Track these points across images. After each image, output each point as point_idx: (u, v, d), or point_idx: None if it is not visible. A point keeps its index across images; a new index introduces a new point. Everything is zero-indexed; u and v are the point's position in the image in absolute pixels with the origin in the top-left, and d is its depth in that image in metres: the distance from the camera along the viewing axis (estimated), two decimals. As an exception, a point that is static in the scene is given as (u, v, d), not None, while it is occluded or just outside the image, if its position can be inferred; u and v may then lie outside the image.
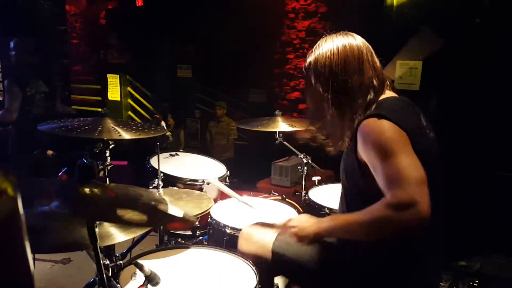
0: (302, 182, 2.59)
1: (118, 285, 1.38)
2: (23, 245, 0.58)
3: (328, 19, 5.05)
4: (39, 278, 3.00)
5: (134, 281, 1.42)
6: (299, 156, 2.63)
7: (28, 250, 0.58)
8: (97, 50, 7.18)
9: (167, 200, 1.45)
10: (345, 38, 1.48)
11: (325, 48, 1.48)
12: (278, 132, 2.63)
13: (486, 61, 3.46)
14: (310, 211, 2.14)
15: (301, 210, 2.31)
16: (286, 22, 5.37)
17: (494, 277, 2.81)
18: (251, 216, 2.12)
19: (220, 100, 5.59)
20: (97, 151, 1.99)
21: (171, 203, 1.59)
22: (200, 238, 2.26)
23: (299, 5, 5.26)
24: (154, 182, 2.26)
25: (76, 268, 3.17)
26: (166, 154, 2.93)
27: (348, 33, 1.51)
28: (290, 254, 1.57)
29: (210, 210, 2.13)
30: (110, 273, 1.39)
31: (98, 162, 1.95)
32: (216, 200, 2.36)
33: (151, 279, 1.30)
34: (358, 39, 1.49)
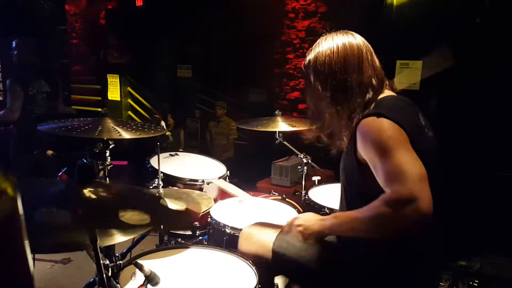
0: (302, 182, 2.59)
1: (118, 285, 1.38)
2: (23, 245, 0.58)
3: (328, 19, 5.04)
4: (39, 278, 3.00)
5: (134, 281, 1.41)
6: (299, 156, 2.63)
7: (27, 250, 0.58)
8: (97, 50, 7.18)
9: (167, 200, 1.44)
10: (345, 36, 1.48)
11: (325, 46, 1.47)
12: (278, 132, 2.63)
13: (486, 61, 3.47)
14: (310, 211, 2.11)
15: (301, 210, 2.31)
16: (286, 22, 5.37)
17: (494, 277, 2.81)
18: (251, 216, 2.12)
19: (220, 100, 5.59)
20: (97, 151, 1.99)
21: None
22: (200, 238, 2.26)
23: (299, 5, 5.26)
24: (154, 182, 2.26)
25: (76, 268, 3.17)
26: (166, 154, 2.93)
27: (348, 32, 1.51)
28: (290, 254, 1.57)
29: (210, 210, 2.13)
30: (110, 273, 1.39)
31: (98, 162, 1.95)
32: (216, 200, 2.36)
33: (151, 279, 1.29)
34: (358, 38, 1.49)
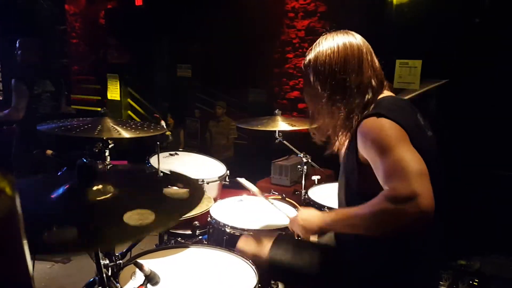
0: (302, 181, 2.59)
1: (118, 284, 1.38)
2: (22, 245, 0.57)
3: (328, 19, 5.04)
4: (39, 278, 3.00)
5: (134, 280, 1.41)
6: (298, 155, 2.63)
7: (26, 250, 0.58)
8: (96, 49, 7.18)
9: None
10: (345, 36, 1.47)
11: (325, 46, 1.46)
12: (278, 131, 2.63)
13: (486, 61, 3.47)
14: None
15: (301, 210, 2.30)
16: (286, 21, 5.36)
17: (494, 277, 2.81)
18: (251, 215, 2.12)
19: (220, 100, 5.59)
20: (96, 150, 1.99)
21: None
22: (200, 237, 2.26)
23: (299, 5, 5.26)
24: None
25: (76, 268, 3.17)
26: (166, 154, 2.93)
27: (348, 31, 1.50)
28: (287, 262, 1.60)
29: (210, 209, 2.13)
30: (109, 273, 1.39)
31: (98, 162, 1.95)
32: (216, 200, 2.36)
33: (151, 279, 1.29)
34: (358, 38, 1.48)
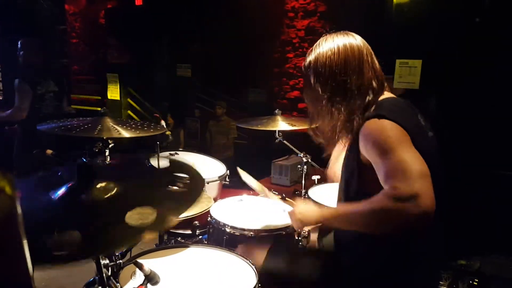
0: (302, 181, 2.58)
1: (118, 284, 1.38)
2: (22, 245, 0.57)
3: (328, 18, 5.04)
4: (39, 277, 3.00)
5: (134, 280, 1.41)
6: (298, 155, 2.62)
7: (26, 250, 0.58)
8: (96, 49, 7.18)
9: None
10: (345, 37, 1.47)
11: (326, 48, 1.46)
12: (278, 131, 2.62)
13: (486, 61, 3.46)
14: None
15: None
16: (286, 21, 5.36)
17: (494, 277, 2.81)
18: (251, 215, 2.12)
19: (220, 99, 5.59)
20: (96, 150, 1.99)
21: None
22: (200, 237, 2.25)
23: (299, 4, 5.26)
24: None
25: (76, 268, 3.16)
26: (166, 154, 2.93)
27: (348, 32, 1.50)
28: (283, 269, 1.63)
29: (210, 209, 2.13)
30: (109, 273, 1.39)
31: (98, 161, 1.95)
32: (216, 199, 2.35)
33: (151, 279, 1.29)
34: (358, 39, 1.48)
